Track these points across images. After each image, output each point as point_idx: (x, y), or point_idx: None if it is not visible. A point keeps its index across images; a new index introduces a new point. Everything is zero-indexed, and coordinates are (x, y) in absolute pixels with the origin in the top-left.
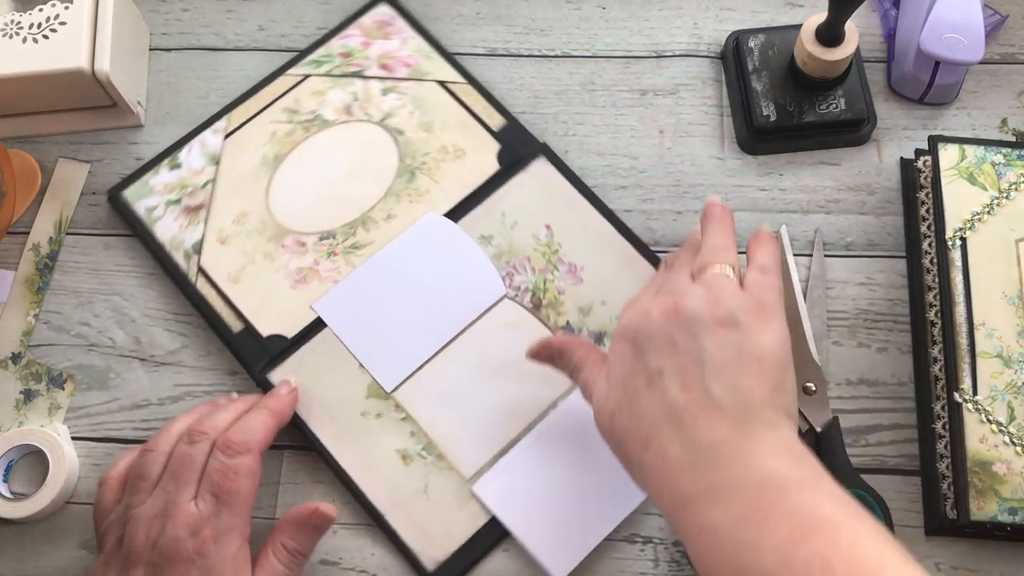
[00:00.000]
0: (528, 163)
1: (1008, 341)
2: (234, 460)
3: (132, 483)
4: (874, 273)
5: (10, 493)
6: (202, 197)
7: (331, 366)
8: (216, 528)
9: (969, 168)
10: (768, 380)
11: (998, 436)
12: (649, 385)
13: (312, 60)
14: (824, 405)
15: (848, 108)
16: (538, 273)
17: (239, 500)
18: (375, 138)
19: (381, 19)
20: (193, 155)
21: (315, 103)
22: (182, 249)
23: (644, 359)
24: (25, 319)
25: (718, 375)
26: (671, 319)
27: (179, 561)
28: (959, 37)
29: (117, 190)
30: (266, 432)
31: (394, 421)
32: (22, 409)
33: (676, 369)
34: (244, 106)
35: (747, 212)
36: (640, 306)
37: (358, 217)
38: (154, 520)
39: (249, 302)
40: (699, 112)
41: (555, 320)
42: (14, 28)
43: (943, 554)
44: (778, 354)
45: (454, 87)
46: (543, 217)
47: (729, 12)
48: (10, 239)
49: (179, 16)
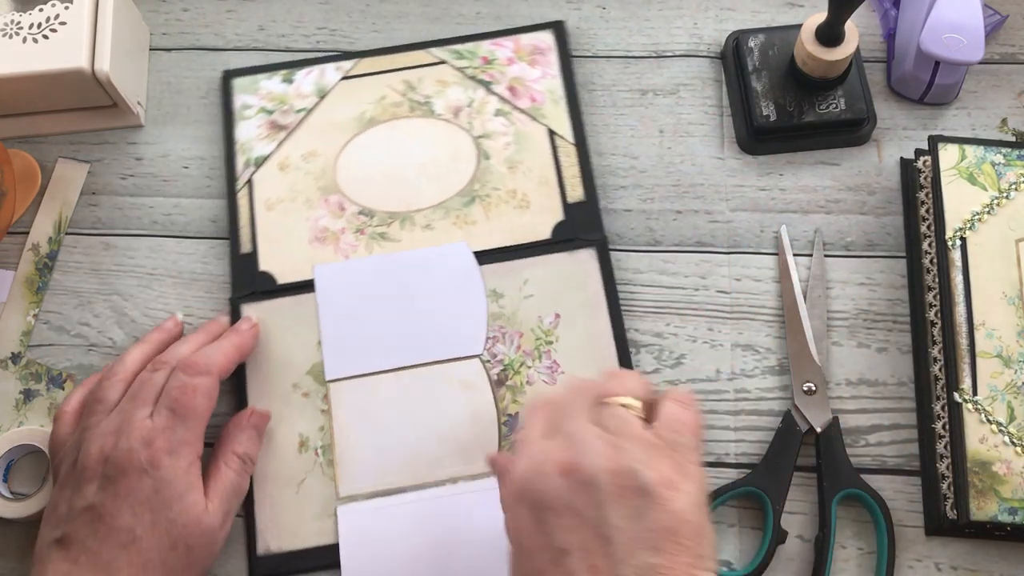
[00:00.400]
0: (577, 248)
1: (1008, 341)
2: (193, 380)
3: (89, 407)
4: (874, 273)
5: (10, 493)
6: (291, 120)
7: (295, 328)
8: (170, 440)
9: (969, 168)
10: (685, 555)
11: (998, 436)
12: (555, 565)
13: (457, 50)
14: (824, 405)
15: (848, 108)
16: (521, 353)
17: (194, 416)
18: (463, 150)
19: (538, 45)
20: (307, 80)
21: (433, 90)
22: (247, 155)
23: (546, 532)
24: (25, 319)
25: (628, 555)
26: (569, 482)
27: (131, 471)
28: (959, 37)
29: (232, 75)
30: (226, 359)
31: (314, 407)
32: (22, 409)
33: (582, 549)
34: (375, 59)
35: (747, 212)
36: (534, 457)
37: (402, 212)
38: (108, 436)
39: (268, 233)
40: (699, 112)
41: (507, 404)
42: (14, 28)
43: (943, 554)
44: (694, 519)
45: (560, 142)
46: (558, 304)
47: (729, 12)
48: (10, 239)
49: (179, 16)
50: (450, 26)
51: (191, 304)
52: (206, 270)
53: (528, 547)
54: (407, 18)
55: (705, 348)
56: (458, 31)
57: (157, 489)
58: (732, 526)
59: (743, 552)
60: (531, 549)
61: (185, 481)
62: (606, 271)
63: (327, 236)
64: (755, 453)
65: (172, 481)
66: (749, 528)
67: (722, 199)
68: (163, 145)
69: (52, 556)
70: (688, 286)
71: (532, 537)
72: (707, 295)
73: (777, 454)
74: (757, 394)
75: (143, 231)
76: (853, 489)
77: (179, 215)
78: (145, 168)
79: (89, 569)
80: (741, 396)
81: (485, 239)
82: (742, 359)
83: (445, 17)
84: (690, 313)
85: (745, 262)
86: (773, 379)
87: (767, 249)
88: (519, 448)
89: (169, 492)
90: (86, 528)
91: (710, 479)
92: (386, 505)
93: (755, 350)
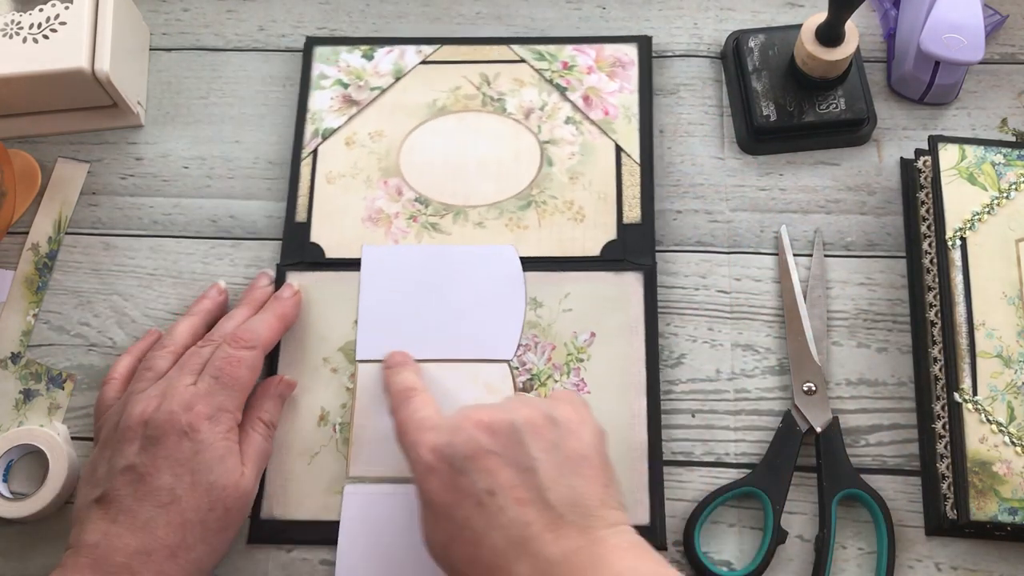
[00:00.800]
0: (624, 271)
1: (1008, 341)
2: (239, 352)
3: (138, 374)
4: (874, 273)
5: (10, 493)
6: (364, 96)
7: (335, 304)
8: (210, 405)
9: (969, 168)
10: (600, 478)
11: (998, 436)
12: (480, 507)
13: (539, 50)
14: (824, 405)
15: (848, 108)
16: (550, 366)
17: (237, 386)
18: (527, 152)
19: (621, 57)
20: (387, 59)
21: (509, 88)
22: (316, 124)
23: (469, 481)
24: (25, 319)
25: (552, 482)
26: (488, 433)
27: (171, 433)
28: (959, 37)
29: (314, 42)
30: (271, 332)
31: (340, 384)
32: (22, 409)
33: (508, 486)
34: (456, 48)
35: (747, 212)
36: (450, 422)
37: (457, 205)
38: (152, 399)
39: (323, 206)
40: (699, 112)
41: None
42: (14, 28)
43: (943, 554)
44: (601, 451)
45: (625, 160)
46: (596, 323)
47: (729, 12)
48: (10, 239)
49: (179, 16)
50: (450, 26)
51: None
52: (206, 270)
53: (448, 502)
54: (407, 18)
55: (705, 348)
56: (457, 31)
57: (197, 451)
58: (732, 526)
59: (743, 552)
60: (451, 504)
61: (224, 445)
62: (650, 298)
63: (381, 218)
64: (755, 453)
65: (211, 444)
66: (749, 528)
67: (722, 199)
68: (163, 145)
69: (91, 515)
70: (688, 286)
71: (452, 492)
72: (707, 295)
73: (777, 454)
74: (757, 394)
75: (143, 231)
76: (853, 489)
77: (179, 215)
78: (145, 168)
79: (127, 527)
80: (741, 396)
81: (534, 246)
82: (742, 359)
83: (445, 17)
84: (690, 313)
85: (745, 262)
86: (773, 379)
87: (767, 249)
88: (407, 429)
89: (209, 455)
90: (126, 488)
91: (710, 479)
92: (393, 492)
93: (755, 350)
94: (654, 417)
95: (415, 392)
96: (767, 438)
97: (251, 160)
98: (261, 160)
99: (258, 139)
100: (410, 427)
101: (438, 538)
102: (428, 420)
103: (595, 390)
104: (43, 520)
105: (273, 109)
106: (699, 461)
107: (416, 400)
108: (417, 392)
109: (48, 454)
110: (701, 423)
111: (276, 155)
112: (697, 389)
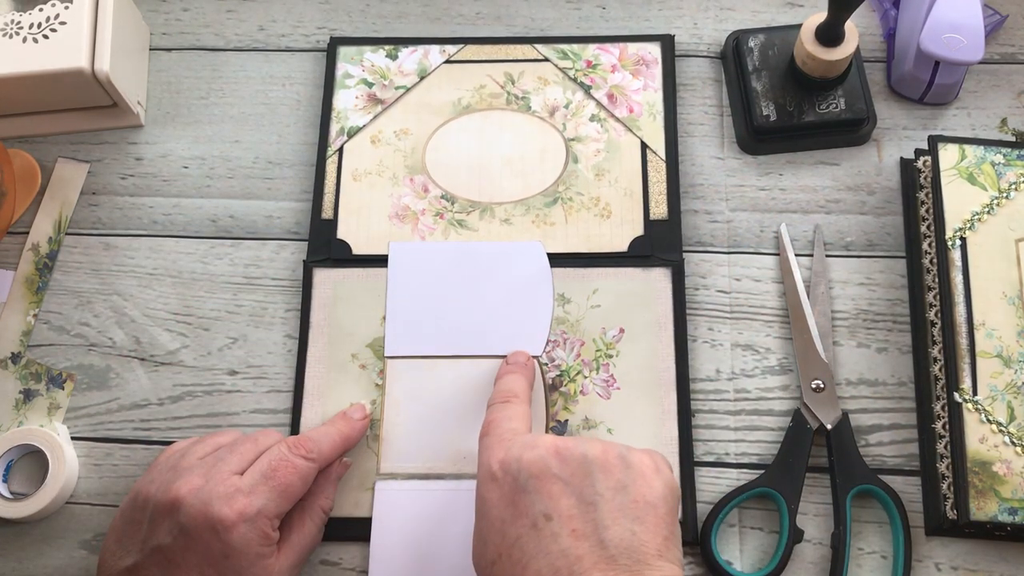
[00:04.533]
0: (652, 267)
1: (1008, 341)
2: (296, 459)
3: (203, 440)
4: (874, 273)
5: (10, 493)
6: (389, 96)
7: (362, 300)
8: (252, 507)
9: (969, 168)
10: (662, 530)
11: (998, 436)
12: (534, 529)
13: (563, 49)
14: (833, 402)
15: (848, 108)
16: (579, 362)
17: (287, 493)
18: (552, 149)
19: (644, 56)
20: (411, 58)
21: (533, 86)
22: (341, 123)
23: (529, 500)
24: (25, 319)
25: (612, 521)
26: (559, 457)
27: (203, 528)
28: (959, 37)
29: (339, 42)
30: (332, 449)
31: (369, 381)
32: (22, 409)
33: (566, 515)
34: (480, 47)
35: (747, 212)
36: (527, 439)
37: (484, 202)
38: (195, 477)
39: (350, 203)
40: (699, 112)
41: (558, 410)
42: (14, 28)
43: (943, 554)
44: (670, 504)
45: (651, 157)
46: (624, 319)
47: (729, 12)
48: (10, 239)
49: (179, 16)
50: (450, 26)
51: (191, 304)
52: (206, 270)
53: (503, 517)
54: (407, 18)
55: (705, 348)
56: (457, 31)
57: (227, 555)
58: (745, 527)
59: (759, 553)
60: (506, 519)
61: (256, 552)
62: (678, 294)
63: (407, 215)
64: (755, 453)
65: (242, 552)
66: (761, 529)
67: (722, 199)
68: (163, 145)
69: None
70: (688, 286)
71: (510, 507)
72: (707, 295)
73: (788, 453)
74: (757, 394)
75: (143, 231)
76: (867, 485)
77: (179, 215)
78: (145, 168)
79: None
80: (741, 396)
81: (561, 242)
82: (742, 359)
83: (445, 17)
84: (690, 313)
85: (745, 262)
86: (773, 379)
87: (767, 249)
88: (490, 442)
89: (238, 562)
90: (157, 568)
91: (710, 479)
92: (423, 488)
93: (755, 350)
94: (684, 414)
95: (515, 400)
96: (767, 438)
97: (251, 160)
98: (261, 160)
99: (258, 139)
100: (492, 430)
101: (487, 555)
102: (510, 431)
103: (625, 386)
104: (43, 520)
105: (273, 109)
106: (699, 461)
107: (511, 408)
108: (517, 401)
109: (48, 454)
110: (701, 423)
111: (276, 155)
112: (697, 389)
